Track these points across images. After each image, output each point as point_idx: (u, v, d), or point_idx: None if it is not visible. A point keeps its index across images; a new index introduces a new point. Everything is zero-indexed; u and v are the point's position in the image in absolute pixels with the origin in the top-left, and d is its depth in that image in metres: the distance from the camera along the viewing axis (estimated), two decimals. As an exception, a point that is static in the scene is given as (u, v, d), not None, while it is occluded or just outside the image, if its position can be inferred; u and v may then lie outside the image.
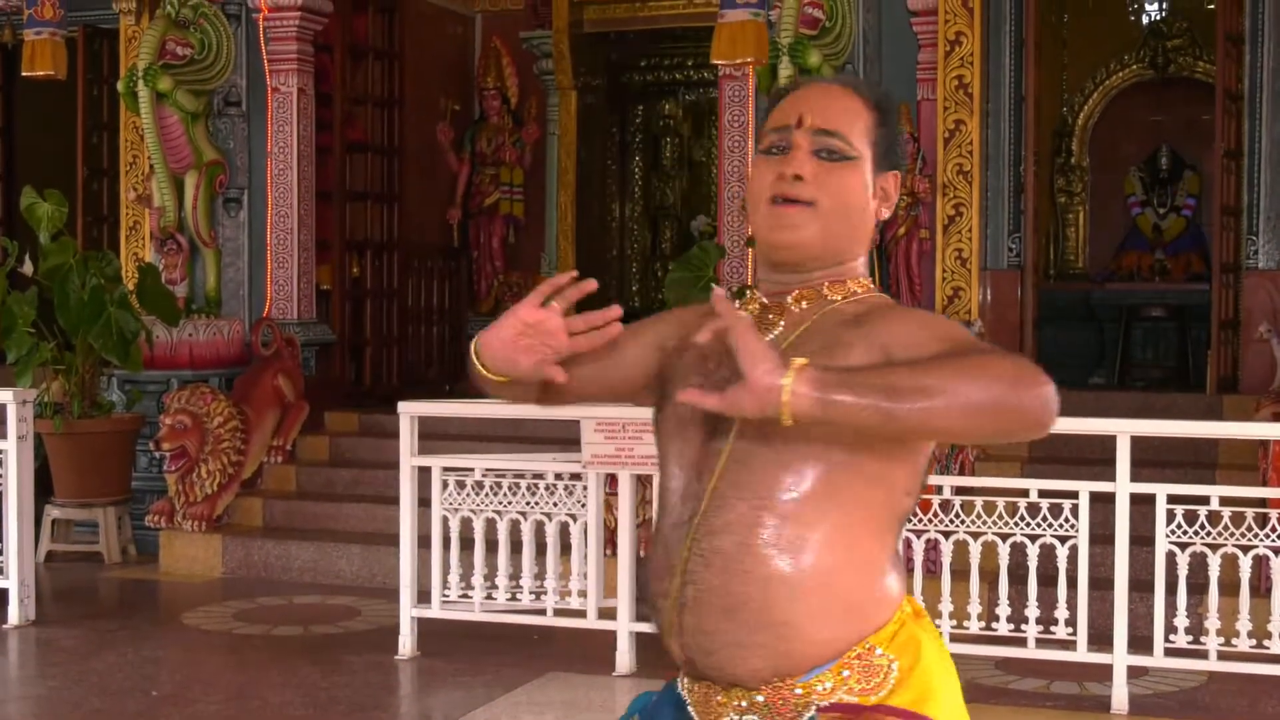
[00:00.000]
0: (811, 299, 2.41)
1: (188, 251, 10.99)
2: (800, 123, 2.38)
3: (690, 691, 2.40)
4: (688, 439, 2.38)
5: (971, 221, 9.85)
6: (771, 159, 2.40)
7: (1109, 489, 6.62)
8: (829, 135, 2.37)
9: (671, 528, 2.36)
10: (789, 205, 2.36)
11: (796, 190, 2.35)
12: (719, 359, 2.32)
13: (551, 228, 13.98)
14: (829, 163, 2.37)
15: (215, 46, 10.83)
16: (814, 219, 2.36)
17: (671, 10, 13.84)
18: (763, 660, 2.29)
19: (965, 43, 9.80)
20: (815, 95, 2.43)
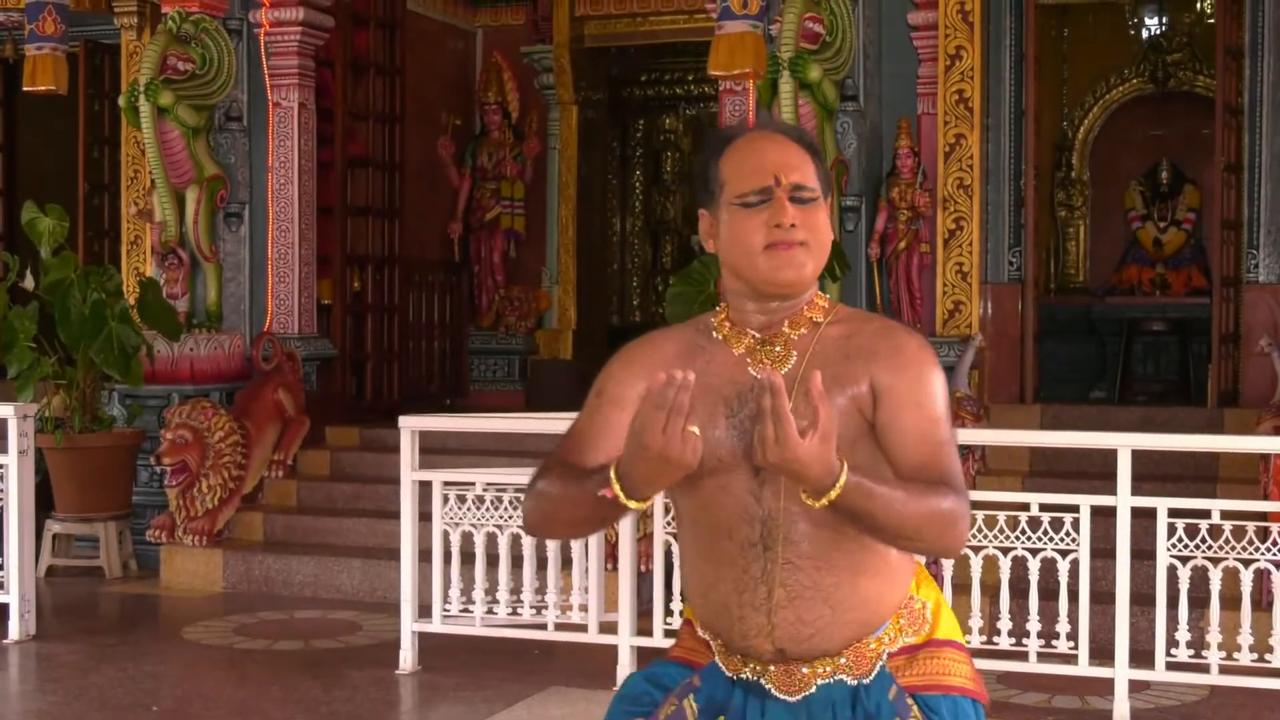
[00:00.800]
0: (803, 324, 2.76)
1: (189, 266, 11.00)
2: (779, 182, 2.70)
3: (765, 674, 2.75)
4: (731, 472, 2.67)
5: (972, 235, 9.87)
6: (753, 210, 2.71)
7: (1110, 503, 6.62)
8: (800, 187, 2.71)
9: (740, 548, 2.69)
10: (789, 248, 2.70)
11: (791, 235, 2.69)
12: (740, 400, 2.68)
13: (552, 242, 14.00)
14: (804, 206, 2.71)
15: (216, 61, 10.84)
16: (809, 256, 2.72)
17: (672, 25, 13.86)
18: (853, 630, 2.72)
19: (966, 57, 9.82)
20: (776, 151, 2.75)
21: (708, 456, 2.58)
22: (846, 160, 9.74)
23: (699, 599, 2.81)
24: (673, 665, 2.92)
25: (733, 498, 2.68)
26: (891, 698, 2.71)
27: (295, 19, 11.04)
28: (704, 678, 2.82)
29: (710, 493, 2.70)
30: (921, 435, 2.65)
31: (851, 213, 9.87)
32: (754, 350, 2.74)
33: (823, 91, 9.47)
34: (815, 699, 2.72)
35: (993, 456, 9.46)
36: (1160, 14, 13.77)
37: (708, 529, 2.72)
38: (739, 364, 2.74)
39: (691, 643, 2.92)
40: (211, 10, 10.93)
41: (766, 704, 2.75)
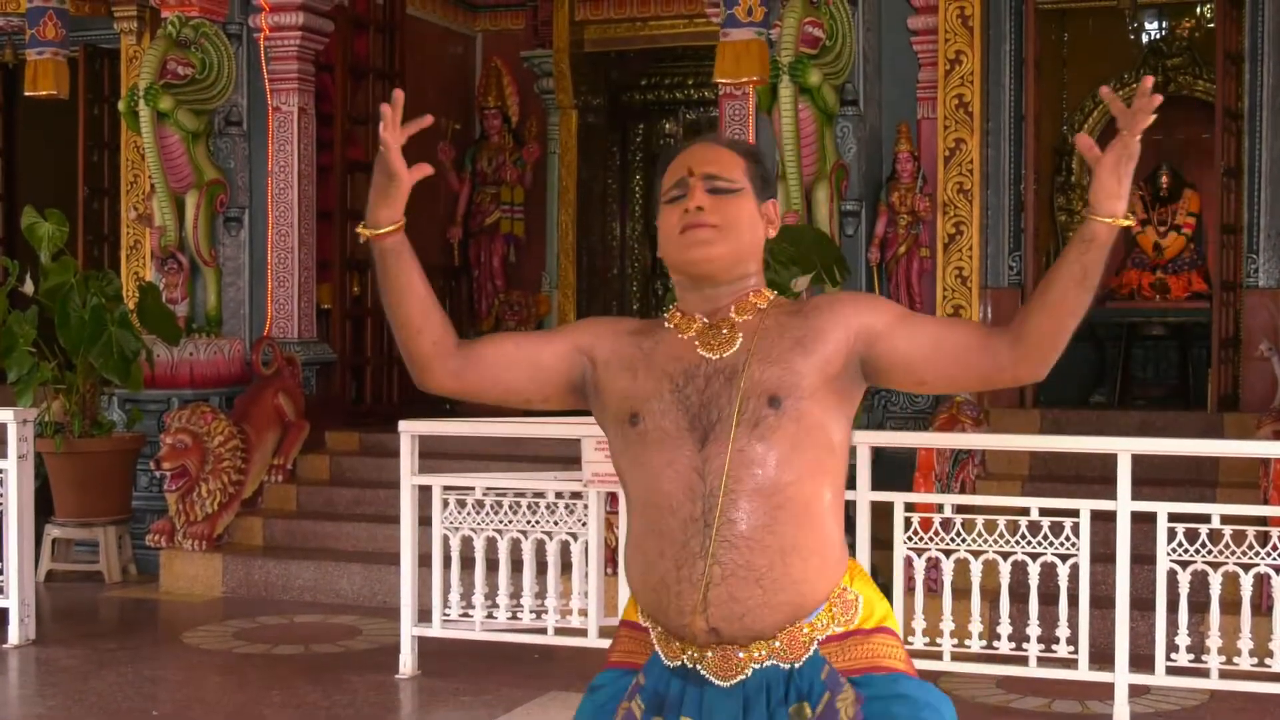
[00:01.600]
0: (748, 309, 2.91)
1: (188, 270, 11.00)
2: (691, 172, 2.89)
3: (702, 660, 2.82)
4: (678, 446, 2.81)
5: (972, 240, 9.87)
6: (675, 204, 2.90)
7: (1110, 507, 6.61)
8: (714, 177, 2.88)
9: (682, 524, 2.78)
10: (698, 228, 2.85)
11: (700, 218, 2.85)
12: (686, 376, 2.84)
13: (552, 246, 14.01)
14: (721, 196, 2.88)
15: (216, 66, 10.85)
16: (720, 237, 2.86)
17: (672, 30, 13.88)
18: (784, 613, 2.80)
19: (965, 62, 9.82)
20: (696, 152, 2.94)
21: (653, 428, 2.83)
22: (846, 165, 9.75)
23: (640, 576, 2.88)
24: (611, 673, 2.99)
25: (679, 474, 2.79)
26: (824, 677, 2.80)
27: (295, 24, 11.05)
28: (647, 672, 2.90)
29: (657, 469, 2.81)
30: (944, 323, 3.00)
31: (851, 217, 9.87)
32: (702, 333, 2.89)
33: (822, 96, 9.47)
34: (750, 683, 2.80)
35: (992, 461, 9.46)
36: (1160, 19, 13.77)
37: (653, 507, 2.82)
38: (687, 345, 2.88)
39: (628, 645, 2.99)
40: (211, 15, 10.94)
41: (705, 691, 2.82)
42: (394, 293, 2.95)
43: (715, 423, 2.78)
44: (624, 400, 2.88)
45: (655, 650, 2.90)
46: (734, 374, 2.81)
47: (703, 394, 2.81)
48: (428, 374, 2.97)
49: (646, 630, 2.93)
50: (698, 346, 2.87)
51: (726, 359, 2.84)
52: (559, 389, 3.00)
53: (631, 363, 2.90)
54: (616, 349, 2.94)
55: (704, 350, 2.86)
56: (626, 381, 2.89)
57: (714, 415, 2.79)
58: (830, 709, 2.77)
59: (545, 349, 2.99)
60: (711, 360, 2.84)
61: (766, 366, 2.80)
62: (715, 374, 2.83)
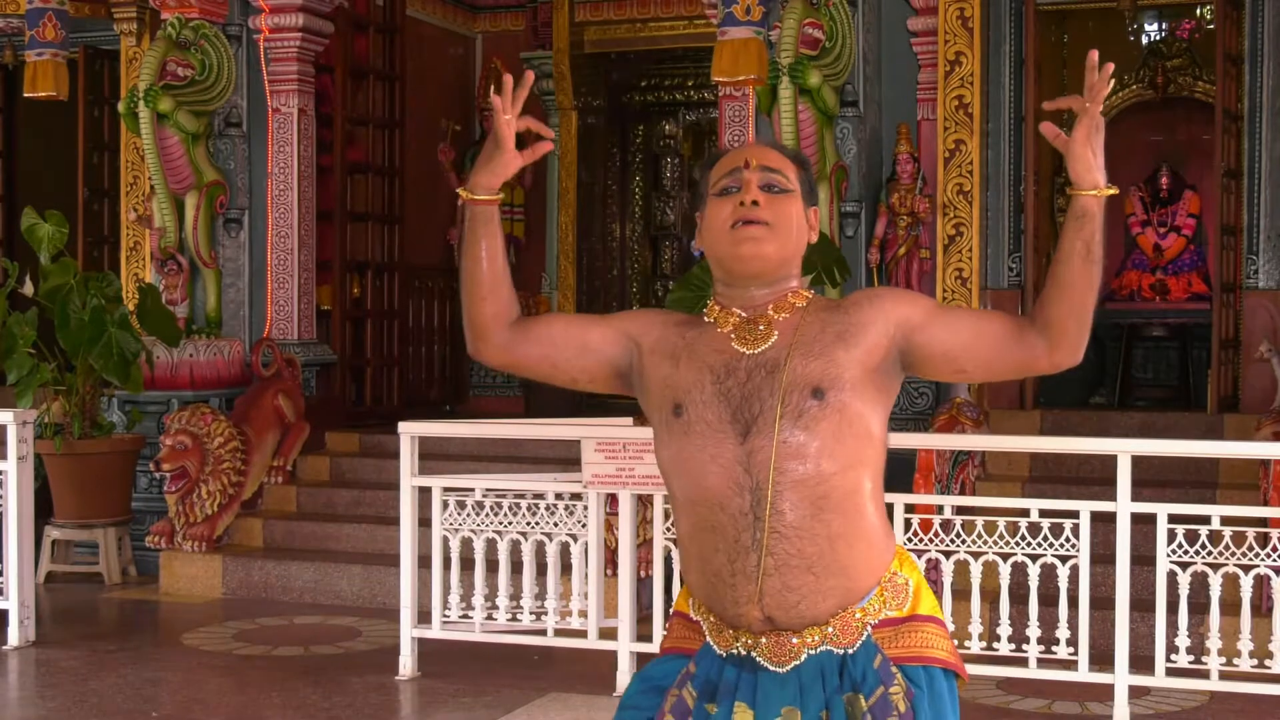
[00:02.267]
0: (786, 308, 2.95)
1: (188, 272, 11.00)
2: (748, 164, 2.93)
3: (757, 646, 2.87)
4: (720, 440, 2.85)
5: (972, 241, 9.86)
6: (727, 197, 2.93)
7: (1110, 509, 6.61)
8: (772, 171, 2.94)
9: (732, 518, 2.84)
10: (750, 225, 2.89)
11: (755, 214, 2.90)
12: (727, 370, 2.88)
13: (552, 248, 14.00)
14: (775, 195, 2.93)
15: (216, 67, 10.85)
16: (771, 236, 2.91)
17: (672, 31, 13.87)
18: (836, 599, 2.86)
19: (965, 63, 9.82)
20: (753, 147, 3.01)
21: (696, 419, 2.87)
22: (846, 166, 9.75)
23: (696, 572, 2.93)
24: (666, 660, 3.03)
25: (723, 469, 2.84)
26: (876, 666, 2.84)
27: (295, 25, 11.05)
28: (698, 661, 2.94)
29: (702, 464, 2.85)
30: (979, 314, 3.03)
31: (851, 218, 9.87)
32: (739, 328, 2.93)
33: (822, 97, 9.47)
34: (805, 668, 2.85)
35: (993, 462, 9.46)
36: (1160, 20, 13.76)
37: (701, 503, 2.87)
38: (725, 340, 2.93)
39: (682, 631, 3.03)
40: (211, 16, 10.95)
41: (759, 677, 2.87)
42: (473, 257, 3.00)
43: (757, 416, 2.83)
44: (666, 389, 2.94)
45: (707, 640, 2.95)
46: (775, 368, 2.86)
47: (744, 387, 2.86)
48: (482, 342, 3.04)
49: (697, 623, 2.98)
50: (734, 341, 2.92)
51: (764, 353, 2.89)
52: (604, 371, 3.06)
53: (674, 351, 2.96)
54: (663, 337, 2.99)
55: (740, 345, 2.91)
56: (669, 370, 2.94)
57: (756, 408, 2.84)
58: (884, 702, 2.82)
59: (594, 331, 3.06)
60: (749, 355, 2.89)
61: (809, 360, 2.85)
62: (756, 368, 2.88)
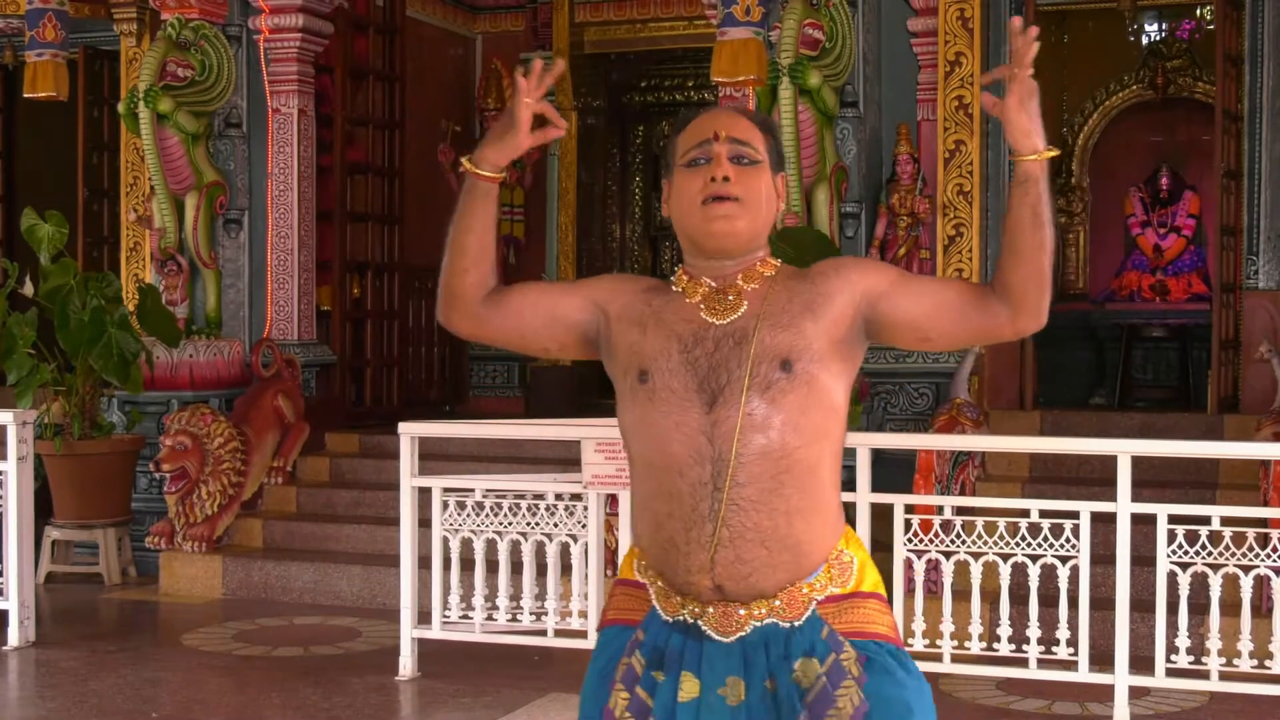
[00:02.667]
0: (755, 278, 2.94)
1: (188, 272, 10.99)
2: (717, 136, 2.91)
3: (703, 615, 2.88)
4: (686, 409, 2.85)
5: (972, 242, 9.87)
6: (696, 169, 2.92)
7: (1110, 509, 6.61)
8: (742, 144, 2.92)
9: (691, 487, 2.83)
10: (721, 202, 2.89)
11: (726, 189, 2.89)
12: (694, 339, 2.88)
13: (552, 248, 14.00)
14: (744, 167, 2.91)
15: (216, 68, 10.85)
16: (742, 211, 2.90)
17: (671, 31, 13.87)
18: (785, 573, 2.87)
19: (965, 63, 9.83)
20: (721, 116, 2.98)
21: (662, 387, 2.86)
22: (846, 166, 9.75)
23: (649, 536, 2.94)
24: (610, 630, 3.04)
25: (687, 437, 2.84)
26: (824, 637, 2.86)
27: (295, 25, 11.05)
28: (645, 628, 2.95)
29: (666, 430, 2.85)
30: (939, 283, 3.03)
31: (851, 219, 9.87)
32: (708, 297, 2.93)
33: (822, 98, 9.47)
34: (750, 640, 2.87)
35: (992, 463, 9.46)
36: (1160, 20, 13.77)
37: (661, 469, 2.87)
38: (693, 309, 2.93)
39: (625, 603, 3.03)
40: (211, 17, 10.95)
41: (704, 645, 2.88)
42: (464, 228, 3.03)
43: (724, 386, 2.83)
44: (632, 355, 2.93)
45: (654, 606, 2.95)
46: (743, 338, 2.86)
47: (711, 357, 2.86)
48: (455, 311, 3.05)
49: (644, 586, 2.99)
50: (702, 311, 2.92)
51: (733, 323, 2.88)
52: (573, 339, 3.06)
53: (641, 318, 2.95)
54: (630, 303, 2.99)
55: (708, 315, 2.91)
56: (635, 336, 2.94)
57: (723, 379, 2.84)
58: (837, 667, 2.84)
59: (564, 299, 3.06)
60: (718, 325, 2.89)
61: (777, 331, 2.85)
62: (724, 338, 2.87)
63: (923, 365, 9.70)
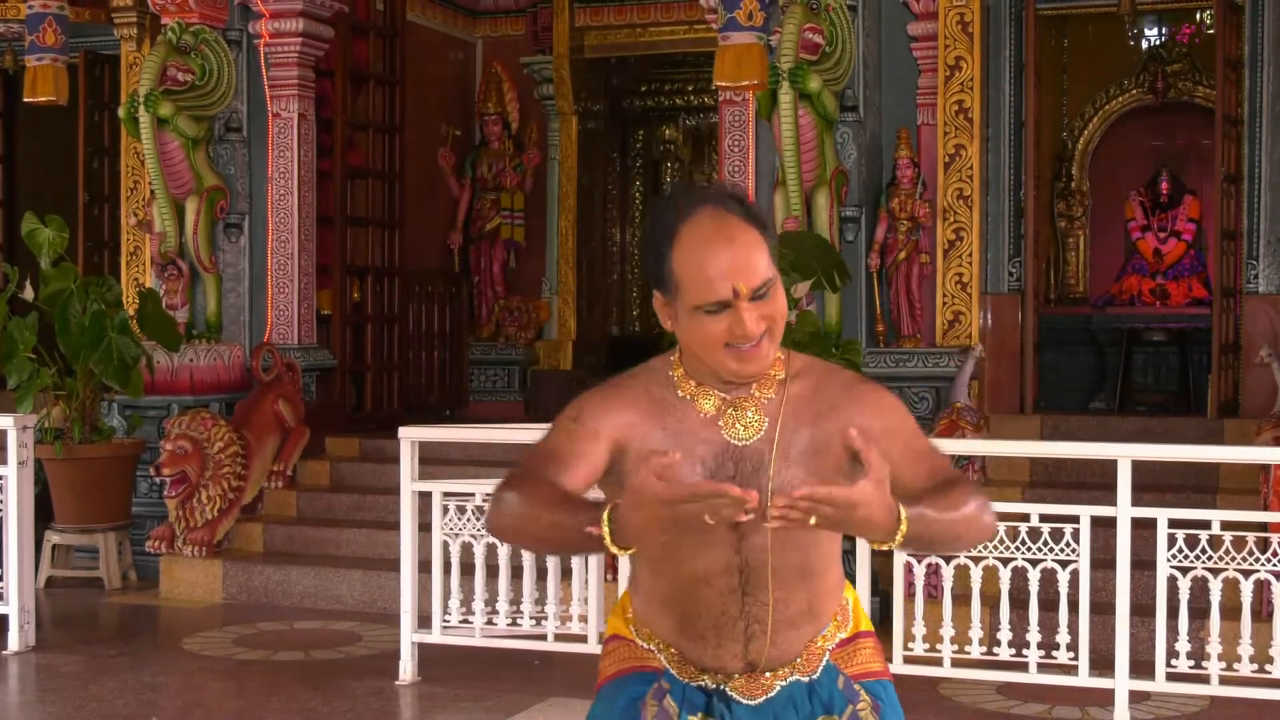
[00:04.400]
0: (770, 385, 2.82)
1: (188, 277, 10.99)
2: (738, 294, 2.68)
3: (730, 682, 2.88)
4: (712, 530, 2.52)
5: (972, 246, 9.87)
6: (714, 316, 2.70)
7: (1110, 513, 6.61)
8: (761, 288, 2.70)
9: (719, 594, 2.80)
10: (753, 348, 2.74)
11: (754, 334, 2.72)
12: (717, 462, 2.77)
13: (552, 252, 14.01)
14: (765, 300, 2.72)
15: (216, 72, 10.85)
16: (771, 344, 2.77)
17: (672, 36, 13.88)
18: (809, 638, 2.91)
19: (965, 68, 9.83)
20: (730, 257, 2.69)
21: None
22: (846, 170, 9.74)
23: (672, 626, 2.90)
24: (626, 679, 2.96)
25: (712, 551, 2.78)
26: (841, 686, 2.92)
27: (295, 30, 11.05)
28: (667, 678, 2.92)
29: (689, 550, 2.77)
30: (916, 455, 2.81)
31: (851, 223, 9.87)
32: (724, 413, 2.81)
33: (822, 102, 9.47)
34: (777, 699, 2.89)
35: (993, 467, 9.45)
36: (1160, 25, 13.78)
37: (685, 578, 2.82)
38: (709, 424, 2.80)
39: (630, 652, 2.98)
40: (211, 21, 10.95)
41: (732, 707, 2.88)
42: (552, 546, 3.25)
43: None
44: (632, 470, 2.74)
45: (668, 668, 2.94)
46: (759, 464, 2.77)
47: (733, 480, 2.73)
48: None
49: (650, 651, 2.96)
50: (722, 430, 2.80)
51: (752, 446, 2.78)
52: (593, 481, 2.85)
53: (661, 445, 2.76)
54: (645, 435, 2.78)
55: (727, 434, 2.79)
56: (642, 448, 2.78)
57: None
58: (855, 719, 2.90)
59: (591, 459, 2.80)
60: (736, 445, 2.78)
61: (787, 466, 2.77)
62: (743, 460, 2.78)
63: (923, 370, 9.69)
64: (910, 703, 3.12)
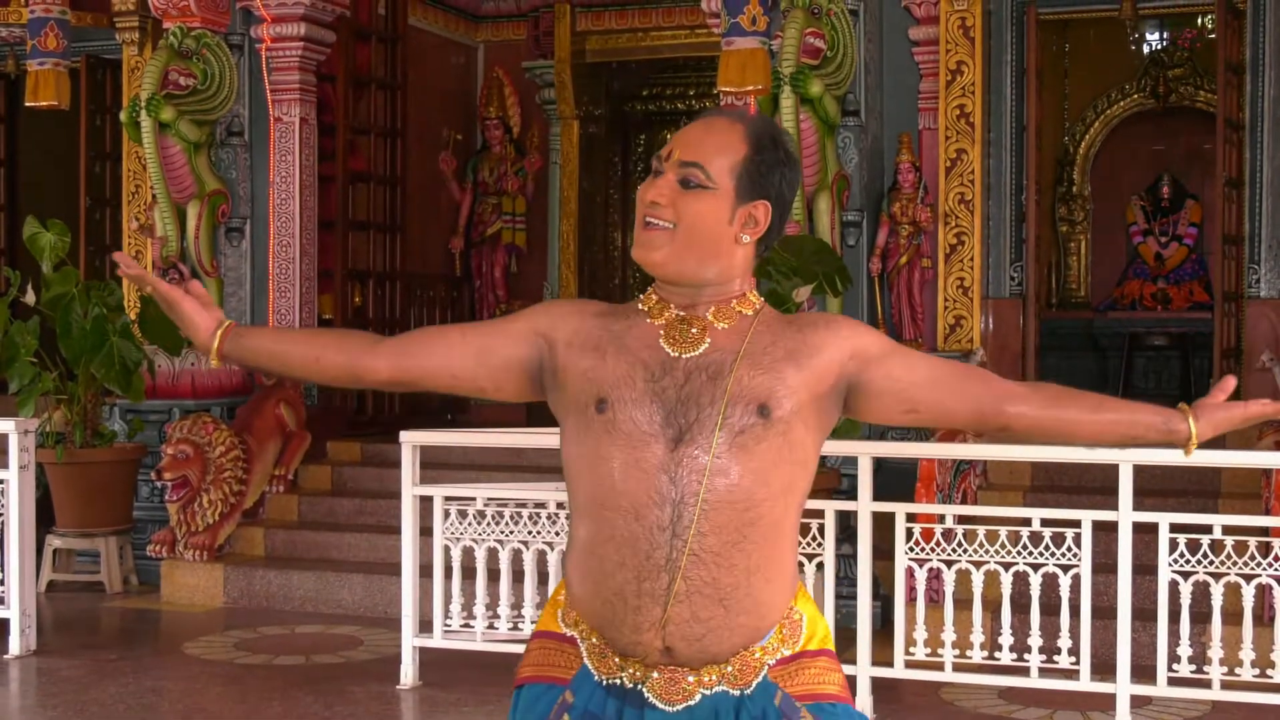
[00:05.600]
0: (730, 316, 2.69)
1: (190, 281, 10.98)
2: (669, 155, 2.66)
3: (647, 680, 2.65)
4: (647, 443, 2.60)
5: (973, 250, 9.87)
6: (646, 183, 2.68)
7: (1111, 518, 6.61)
8: (689, 166, 2.63)
9: (647, 530, 2.58)
10: (650, 229, 2.64)
11: (657, 214, 2.63)
12: (662, 368, 2.64)
13: (554, 257, 14.01)
14: (688, 191, 2.63)
15: (218, 77, 10.85)
16: (669, 240, 2.63)
17: (673, 40, 13.88)
18: (742, 637, 2.65)
19: (967, 72, 9.84)
20: (695, 130, 2.69)
21: (624, 418, 2.61)
22: (848, 175, 9.75)
23: (591, 586, 2.67)
24: (534, 689, 2.77)
25: (645, 476, 2.59)
26: (778, 703, 2.66)
27: (297, 34, 11.05)
28: (575, 690, 2.71)
29: (620, 468, 2.60)
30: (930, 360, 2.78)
31: (853, 227, 9.87)
32: (670, 325, 2.68)
33: (824, 106, 9.47)
34: (698, 710, 2.64)
35: (994, 471, 9.45)
36: (1161, 29, 13.78)
37: (614, 510, 2.61)
38: (657, 335, 2.68)
39: (544, 657, 2.78)
40: (213, 26, 10.95)
41: (645, 713, 2.65)
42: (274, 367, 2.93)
43: (693, 422, 2.59)
44: (589, 382, 2.67)
45: (584, 664, 2.71)
46: (718, 374, 2.62)
47: (681, 389, 2.61)
48: (363, 376, 2.84)
49: (572, 641, 2.74)
50: (661, 339, 2.67)
51: (704, 357, 2.64)
52: (514, 376, 2.80)
53: (598, 343, 2.69)
54: (580, 328, 2.72)
55: (667, 345, 2.66)
56: (591, 362, 2.68)
57: (691, 414, 2.59)
58: None
59: (497, 334, 2.80)
60: (675, 358, 2.65)
61: (756, 373, 2.62)
62: (696, 370, 2.63)
63: (924, 374, 9.68)
64: (911, 707, 3.10)
